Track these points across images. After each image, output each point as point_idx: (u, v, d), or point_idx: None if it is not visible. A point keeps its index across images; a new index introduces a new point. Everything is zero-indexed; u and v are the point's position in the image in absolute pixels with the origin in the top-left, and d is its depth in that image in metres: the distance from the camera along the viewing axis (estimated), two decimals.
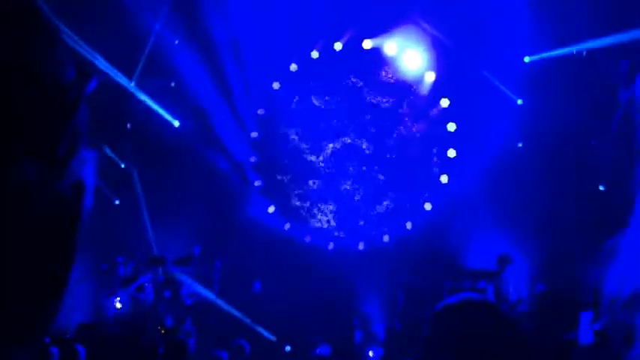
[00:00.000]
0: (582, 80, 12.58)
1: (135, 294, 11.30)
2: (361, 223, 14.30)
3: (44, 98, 0.69)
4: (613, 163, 11.77)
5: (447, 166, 14.02)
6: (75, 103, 0.72)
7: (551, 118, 12.77)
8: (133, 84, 13.76)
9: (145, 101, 13.63)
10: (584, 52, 12.61)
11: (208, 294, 12.66)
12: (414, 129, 14.27)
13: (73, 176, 0.72)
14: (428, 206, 14.00)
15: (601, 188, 12.35)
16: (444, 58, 13.75)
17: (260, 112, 14.73)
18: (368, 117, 14.41)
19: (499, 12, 12.74)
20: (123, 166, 13.73)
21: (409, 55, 14.06)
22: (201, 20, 13.33)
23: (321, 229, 14.37)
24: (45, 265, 0.69)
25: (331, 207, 14.43)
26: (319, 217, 14.45)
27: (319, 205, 14.47)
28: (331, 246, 14.20)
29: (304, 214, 14.48)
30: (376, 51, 14.24)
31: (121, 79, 13.16)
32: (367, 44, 14.19)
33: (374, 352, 12.42)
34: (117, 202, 13.55)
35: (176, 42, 13.60)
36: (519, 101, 13.38)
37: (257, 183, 14.58)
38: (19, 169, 0.67)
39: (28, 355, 0.67)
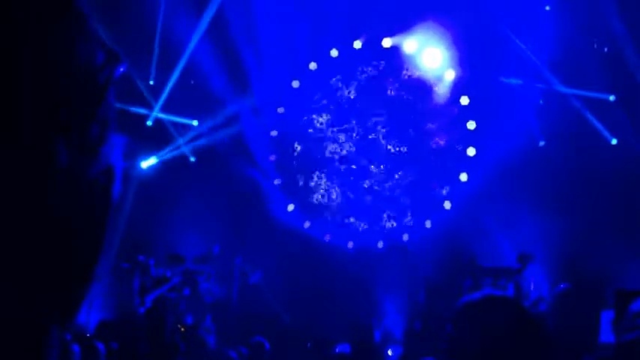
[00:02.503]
0: (605, 78, 12.46)
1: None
2: (381, 221, 14.26)
3: (74, 83, 0.69)
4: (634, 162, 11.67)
5: (467, 164, 13.94)
6: (104, 87, 0.72)
7: (573, 116, 12.66)
8: (152, 82, 13.83)
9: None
10: (606, 49, 12.50)
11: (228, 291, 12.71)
12: (433, 127, 14.20)
13: (104, 162, 0.72)
14: (447, 204, 13.93)
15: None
16: (464, 56, 13.67)
17: (280, 110, 14.74)
18: (387, 115, 14.37)
19: (520, 8, 12.64)
20: (144, 166, 13.80)
21: (429, 53, 13.99)
22: (221, 18, 13.34)
23: (340, 227, 14.35)
24: (75, 252, 0.69)
25: (351, 205, 14.40)
26: (338, 215, 14.43)
27: (339, 203, 14.44)
28: (351, 244, 14.18)
29: (324, 212, 14.46)
30: (396, 49, 14.20)
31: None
32: (387, 42, 14.15)
33: (393, 351, 12.38)
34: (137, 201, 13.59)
35: (197, 39, 13.62)
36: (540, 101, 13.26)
37: (277, 181, 14.59)
38: (51, 157, 0.67)
39: (56, 337, 0.68)
